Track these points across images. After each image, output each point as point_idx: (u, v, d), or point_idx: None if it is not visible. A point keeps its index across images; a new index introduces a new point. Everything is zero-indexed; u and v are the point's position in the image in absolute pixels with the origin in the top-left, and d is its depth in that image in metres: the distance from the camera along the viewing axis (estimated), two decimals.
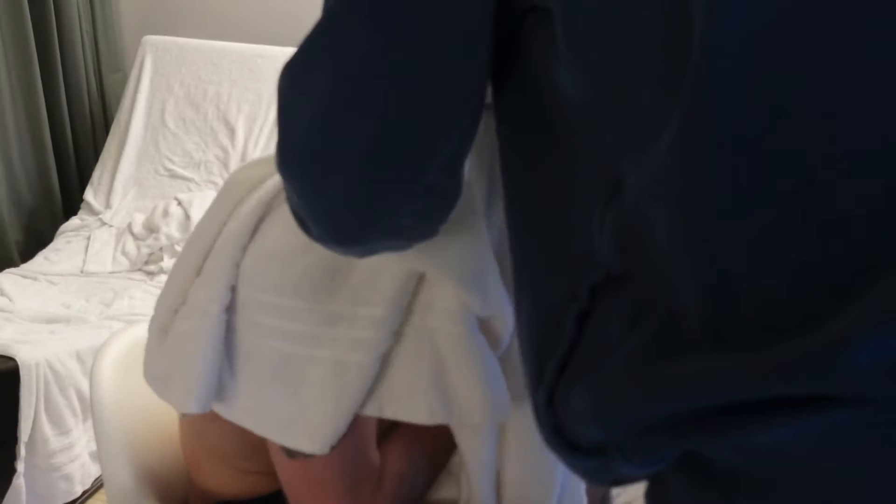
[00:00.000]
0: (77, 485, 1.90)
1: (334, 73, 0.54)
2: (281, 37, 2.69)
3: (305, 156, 0.58)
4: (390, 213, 0.60)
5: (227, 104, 2.65)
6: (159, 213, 2.47)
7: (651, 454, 0.48)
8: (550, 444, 0.53)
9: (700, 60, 0.41)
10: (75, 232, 2.54)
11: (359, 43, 0.53)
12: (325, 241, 0.64)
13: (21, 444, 1.79)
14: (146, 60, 2.72)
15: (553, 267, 0.54)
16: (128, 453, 0.99)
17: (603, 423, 0.48)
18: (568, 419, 0.51)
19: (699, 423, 0.43)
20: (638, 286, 0.48)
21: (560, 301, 0.52)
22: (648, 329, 0.47)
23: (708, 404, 0.42)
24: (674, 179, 0.43)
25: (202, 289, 0.81)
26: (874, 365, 0.36)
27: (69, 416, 1.86)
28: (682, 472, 0.48)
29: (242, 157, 2.59)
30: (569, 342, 0.51)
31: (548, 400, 0.53)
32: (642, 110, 0.45)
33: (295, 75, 0.57)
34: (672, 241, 0.44)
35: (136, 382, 1.04)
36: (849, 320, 0.37)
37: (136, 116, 2.67)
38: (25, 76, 2.54)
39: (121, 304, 2.15)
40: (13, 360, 1.79)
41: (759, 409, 0.41)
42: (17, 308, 2.11)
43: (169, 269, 2.29)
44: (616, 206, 0.48)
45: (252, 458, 0.90)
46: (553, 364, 0.52)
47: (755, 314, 0.42)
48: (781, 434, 0.41)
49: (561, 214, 0.54)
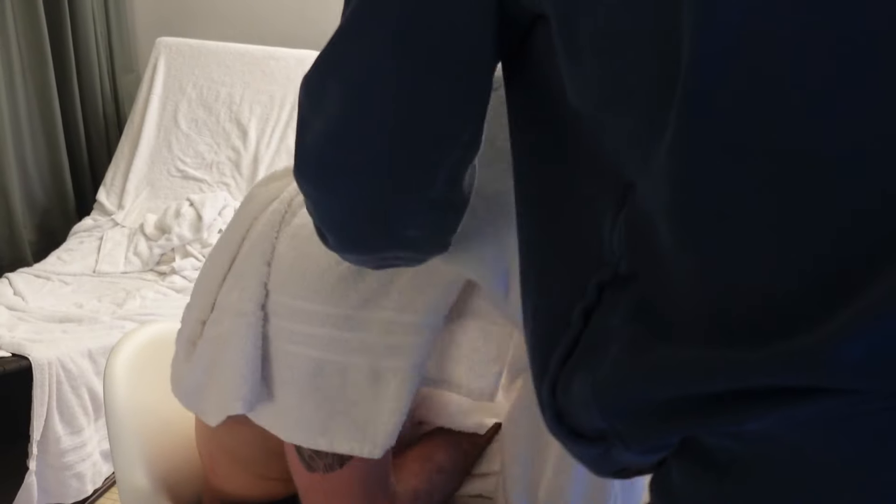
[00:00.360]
0: (88, 483, 1.91)
1: (345, 86, 0.56)
2: (293, 39, 2.70)
3: (317, 166, 0.60)
4: (396, 224, 0.61)
5: (239, 106, 2.66)
6: (171, 213, 2.48)
7: (649, 441, 0.49)
8: (553, 431, 0.55)
9: (691, 67, 0.42)
10: (88, 232, 2.56)
11: (367, 57, 0.54)
12: (339, 251, 0.66)
13: (33, 442, 1.79)
14: (160, 62, 2.73)
15: (562, 265, 0.56)
16: (141, 453, 0.99)
17: (602, 409, 0.49)
18: (570, 406, 0.53)
19: (695, 410, 0.45)
20: (643, 283, 0.50)
21: (567, 297, 0.54)
22: (648, 321, 0.48)
23: (704, 392, 0.44)
24: (672, 183, 0.45)
25: (234, 291, 0.81)
26: (861, 361, 0.39)
27: (81, 415, 1.87)
28: (682, 460, 0.50)
29: (254, 158, 2.60)
30: (574, 335, 0.53)
31: (551, 389, 0.54)
32: (637, 118, 0.47)
33: (312, 87, 0.58)
34: (673, 243, 0.46)
35: (150, 382, 1.05)
36: (840, 321, 0.39)
37: (149, 117, 2.69)
38: (40, 77, 2.55)
39: (133, 304, 2.16)
40: (26, 359, 1.80)
41: (754, 397, 0.43)
42: (30, 307, 2.12)
43: (181, 269, 2.31)
44: (627, 208, 0.50)
45: (270, 465, 0.90)
46: (557, 355, 0.54)
47: (750, 312, 0.44)
48: (775, 420, 0.43)
49: (571, 215, 0.55)
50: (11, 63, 2.43)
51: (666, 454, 0.51)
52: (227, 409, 0.82)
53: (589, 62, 0.48)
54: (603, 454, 0.52)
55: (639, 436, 0.49)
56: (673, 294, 0.47)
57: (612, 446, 0.51)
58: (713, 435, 0.47)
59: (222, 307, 0.82)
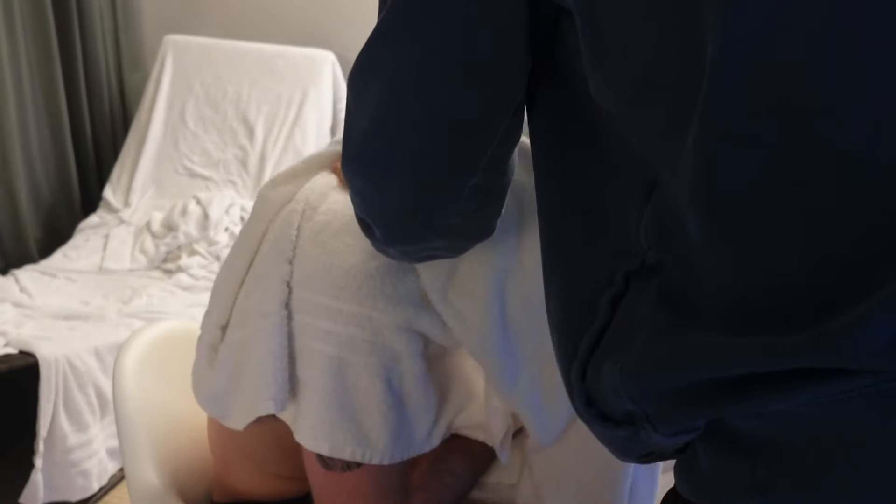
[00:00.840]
0: (94, 481, 1.91)
1: (385, 82, 0.57)
2: (301, 38, 2.70)
3: (363, 159, 0.61)
4: (440, 213, 0.63)
5: (246, 104, 2.66)
6: (178, 211, 2.48)
7: (678, 423, 0.51)
8: (582, 415, 0.56)
9: (717, 60, 0.43)
10: (94, 229, 2.56)
11: (404, 53, 0.56)
12: (385, 243, 0.67)
13: (40, 439, 1.79)
14: (167, 59, 2.73)
15: (588, 257, 0.57)
16: (151, 451, 0.99)
17: (631, 393, 0.51)
18: (599, 392, 0.54)
19: (722, 393, 0.46)
20: (669, 272, 0.51)
21: (594, 287, 0.55)
22: (675, 308, 0.50)
23: (731, 375, 0.45)
24: (699, 176, 0.46)
25: (255, 293, 0.81)
26: (886, 343, 0.40)
27: (87, 412, 1.87)
28: (709, 443, 0.51)
29: (261, 156, 2.60)
30: (602, 323, 0.54)
31: (581, 375, 0.55)
32: (661, 113, 0.48)
33: (356, 82, 0.60)
34: (701, 233, 0.47)
35: (159, 380, 1.04)
36: (866, 306, 0.41)
37: (156, 115, 2.69)
38: (47, 74, 2.55)
39: (139, 301, 2.16)
40: (33, 356, 1.80)
41: (780, 380, 0.44)
42: (37, 304, 2.12)
43: (187, 267, 2.31)
44: (653, 201, 0.51)
45: (285, 464, 0.90)
46: (586, 342, 0.55)
47: (776, 297, 0.45)
48: (801, 401, 0.44)
49: (597, 209, 0.56)
50: (19, 60, 2.43)
51: (692, 437, 0.52)
52: (258, 411, 0.82)
53: (612, 60, 0.49)
54: (631, 437, 0.53)
55: (668, 418, 0.50)
56: (700, 282, 0.48)
57: (640, 429, 0.52)
58: (740, 417, 0.48)
59: (243, 310, 0.82)
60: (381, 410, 0.78)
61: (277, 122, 2.63)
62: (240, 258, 0.84)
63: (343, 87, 2.68)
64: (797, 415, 0.46)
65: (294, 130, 2.61)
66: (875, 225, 0.42)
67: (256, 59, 2.69)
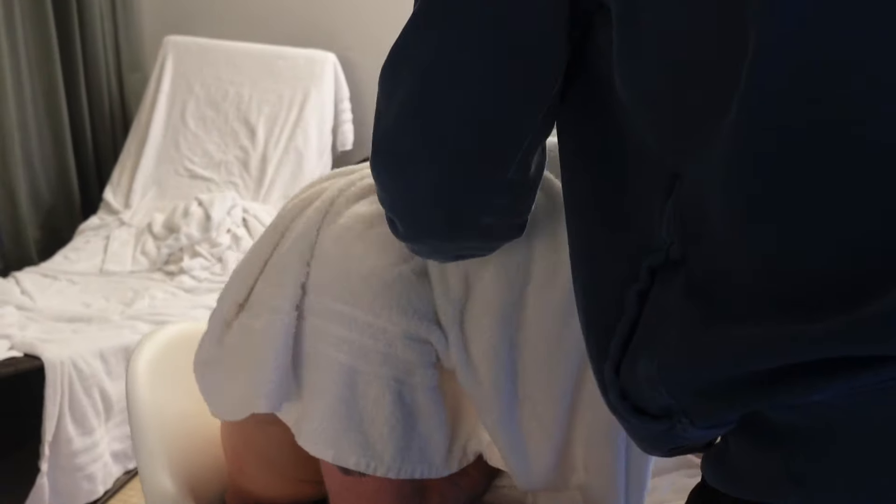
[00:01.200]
0: (99, 485, 1.90)
1: (417, 75, 0.57)
2: (302, 38, 2.69)
3: (391, 153, 0.61)
4: (470, 209, 0.63)
5: (247, 105, 2.65)
6: (179, 213, 2.47)
7: (715, 417, 0.51)
8: (616, 409, 0.56)
9: (758, 56, 0.43)
10: (94, 231, 2.54)
11: (437, 45, 0.56)
12: (411, 240, 0.67)
13: (45, 443, 1.78)
14: (167, 60, 2.72)
15: (613, 254, 0.57)
16: (165, 455, 0.98)
17: (669, 388, 0.51)
18: (634, 385, 0.54)
19: (759, 385, 0.47)
20: (694, 265, 0.51)
21: (620, 284, 0.55)
22: (704, 299, 0.50)
23: (767, 367, 0.46)
24: (732, 170, 0.46)
25: (271, 284, 0.81)
26: None
27: (92, 415, 1.86)
28: (743, 435, 0.51)
29: (262, 157, 2.60)
30: (631, 319, 0.54)
31: (615, 369, 0.55)
32: (694, 108, 0.48)
33: (387, 75, 0.59)
34: (731, 227, 0.47)
35: (171, 383, 1.04)
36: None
37: (156, 116, 2.68)
38: (47, 75, 2.54)
39: (141, 303, 2.15)
40: (38, 359, 1.79)
41: (816, 370, 0.44)
42: (39, 307, 2.11)
43: (189, 269, 2.30)
44: (675, 196, 0.51)
45: (301, 467, 0.89)
46: (617, 341, 0.55)
47: (809, 287, 0.45)
48: (837, 391, 0.45)
49: (621, 204, 0.57)
50: (19, 61, 2.42)
51: (726, 430, 0.53)
52: (251, 406, 0.81)
53: (647, 51, 0.49)
54: (667, 431, 0.53)
55: (705, 412, 0.50)
56: (728, 275, 0.49)
57: (677, 423, 0.52)
58: (775, 408, 0.48)
59: (259, 297, 0.82)
60: (389, 423, 0.77)
61: (279, 123, 2.62)
62: (266, 243, 0.83)
63: (344, 88, 2.68)
64: (833, 406, 0.46)
65: (296, 131, 2.60)
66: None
67: (257, 59, 2.68)
